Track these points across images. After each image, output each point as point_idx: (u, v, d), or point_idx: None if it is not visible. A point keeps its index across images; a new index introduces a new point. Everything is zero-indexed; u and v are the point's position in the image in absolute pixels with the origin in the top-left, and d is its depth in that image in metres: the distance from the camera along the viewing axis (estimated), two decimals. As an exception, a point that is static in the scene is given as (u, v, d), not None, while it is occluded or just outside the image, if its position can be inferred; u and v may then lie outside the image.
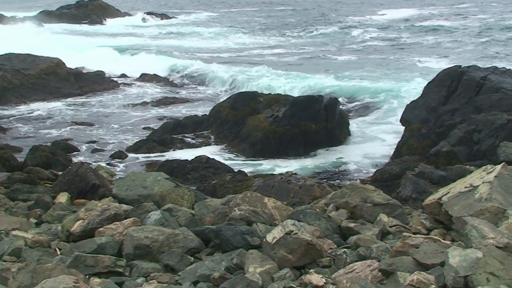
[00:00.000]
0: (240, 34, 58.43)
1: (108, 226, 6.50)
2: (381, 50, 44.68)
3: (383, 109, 26.25)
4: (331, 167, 20.13)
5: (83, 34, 56.83)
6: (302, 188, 13.18)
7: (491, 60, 35.32)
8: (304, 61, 40.79)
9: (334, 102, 23.16)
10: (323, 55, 43.59)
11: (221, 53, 46.69)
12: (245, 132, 22.67)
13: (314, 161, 21.22)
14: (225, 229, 6.04)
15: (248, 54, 45.69)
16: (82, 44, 47.38)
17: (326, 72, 33.31)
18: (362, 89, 29.35)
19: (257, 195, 7.86)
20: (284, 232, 5.43)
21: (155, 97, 32.27)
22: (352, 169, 19.56)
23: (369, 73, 34.19)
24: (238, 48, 49.16)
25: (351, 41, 50.34)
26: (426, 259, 4.89)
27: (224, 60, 42.18)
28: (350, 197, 7.47)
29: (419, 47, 45.04)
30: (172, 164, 18.57)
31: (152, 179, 8.80)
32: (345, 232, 6.74)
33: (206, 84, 34.89)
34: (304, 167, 20.21)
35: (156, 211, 7.02)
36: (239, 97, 25.25)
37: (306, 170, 19.66)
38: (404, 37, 50.77)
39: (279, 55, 44.56)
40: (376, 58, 41.08)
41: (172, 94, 33.07)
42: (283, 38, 54.87)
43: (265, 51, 46.78)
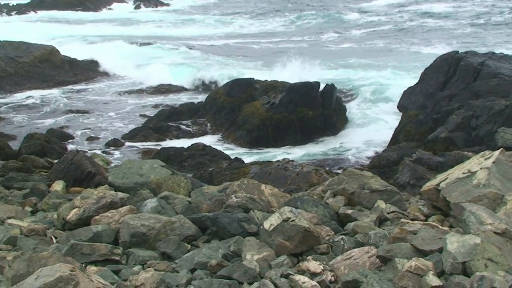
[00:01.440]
0: (240, 20, 58.22)
1: (104, 214, 6.49)
2: (380, 36, 44.54)
3: (380, 96, 26.21)
4: (328, 154, 20.15)
5: (70, 22, 56.59)
6: (299, 175, 13.18)
7: (488, 46, 35.25)
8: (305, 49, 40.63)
9: (330, 88, 23.12)
10: (320, 42, 43.41)
11: (216, 40, 46.57)
12: (242, 119, 22.63)
13: (311, 148, 21.23)
14: (222, 216, 6.03)
15: (243, 42, 45.53)
16: (55, 32, 47.31)
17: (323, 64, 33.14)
18: (357, 77, 29.31)
19: (254, 182, 7.85)
20: (281, 219, 5.43)
21: (151, 84, 32.15)
22: (349, 156, 19.58)
23: (367, 60, 34.12)
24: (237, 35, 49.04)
25: (349, 27, 50.14)
26: (424, 246, 4.89)
27: (220, 49, 42.05)
28: (347, 183, 7.47)
29: (416, 33, 44.90)
30: (168, 151, 18.55)
31: (148, 167, 8.78)
32: (343, 219, 6.74)
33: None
34: (301, 154, 20.22)
35: (153, 198, 7.01)
36: (235, 84, 25.19)
37: (303, 157, 19.67)
38: (402, 21, 50.59)
39: (275, 42, 44.41)
40: (373, 45, 40.97)
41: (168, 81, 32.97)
42: (278, 23, 54.62)
43: (259, 39, 46.58)
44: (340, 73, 30.63)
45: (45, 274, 4.10)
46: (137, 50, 40.68)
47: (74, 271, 4.13)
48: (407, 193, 9.63)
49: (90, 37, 45.69)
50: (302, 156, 19.76)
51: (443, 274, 4.46)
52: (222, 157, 18.37)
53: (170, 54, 39.03)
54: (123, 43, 42.36)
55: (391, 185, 7.73)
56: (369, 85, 27.47)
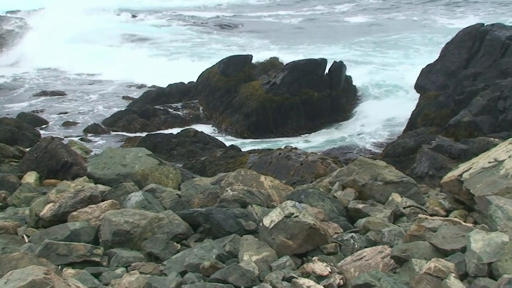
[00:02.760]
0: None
1: (83, 209, 6.47)
2: (397, 9, 44.27)
3: (395, 74, 26.17)
4: (336, 140, 20.15)
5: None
6: (303, 165, 13.18)
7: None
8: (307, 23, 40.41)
9: (339, 66, 23.08)
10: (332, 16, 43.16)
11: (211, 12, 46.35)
12: (238, 102, 22.61)
13: (317, 133, 21.23)
14: (216, 212, 6.03)
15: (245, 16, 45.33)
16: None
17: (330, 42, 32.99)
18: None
19: (252, 173, 7.84)
20: (283, 215, 5.42)
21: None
22: (360, 143, 19.58)
23: (381, 35, 33.99)
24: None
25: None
26: (444, 244, 4.89)
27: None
28: (358, 174, 7.46)
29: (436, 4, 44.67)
30: (155, 138, 18.55)
31: (132, 156, 8.76)
32: (353, 215, 6.74)
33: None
34: (306, 140, 20.23)
35: (138, 192, 7.00)
36: (231, 62, 25.11)
37: (308, 144, 19.67)
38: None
39: (280, 17, 44.18)
40: (391, 18, 40.75)
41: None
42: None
43: (263, 12, 46.34)
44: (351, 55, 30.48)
45: (16, 277, 4.09)
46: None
47: (48, 274, 4.11)
48: (425, 185, 9.63)
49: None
50: (307, 143, 19.70)
51: (466, 277, 4.46)
52: (216, 144, 18.37)
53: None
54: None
55: (408, 176, 7.72)
56: (384, 63, 27.36)
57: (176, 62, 32.78)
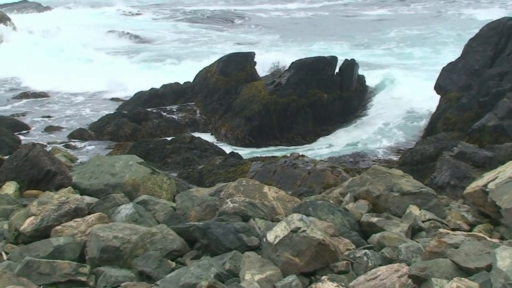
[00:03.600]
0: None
1: (68, 223, 6.48)
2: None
3: (413, 73, 26.17)
4: (347, 147, 20.14)
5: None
6: (311, 174, 13.18)
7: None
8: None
9: (351, 65, 23.11)
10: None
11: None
12: (239, 104, 22.64)
13: (326, 139, 21.23)
14: (214, 226, 6.03)
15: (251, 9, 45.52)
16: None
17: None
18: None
19: (255, 183, 7.84)
20: (289, 229, 5.42)
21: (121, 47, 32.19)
22: (374, 149, 19.57)
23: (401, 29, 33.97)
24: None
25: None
26: (468, 262, 4.88)
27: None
28: (372, 184, 7.46)
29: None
30: (147, 144, 18.57)
31: (122, 164, 8.77)
32: (366, 229, 6.73)
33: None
34: (314, 147, 20.23)
35: (128, 204, 7.00)
36: (231, 60, 25.14)
37: (317, 151, 19.67)
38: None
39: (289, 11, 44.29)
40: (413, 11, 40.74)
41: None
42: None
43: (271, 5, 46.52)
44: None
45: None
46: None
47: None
48: (446, 196, 9.63)
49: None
50: (315, 150, 19.69)
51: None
52: (215, 151, 18.38)
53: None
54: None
55: (427, 186, 7.71)
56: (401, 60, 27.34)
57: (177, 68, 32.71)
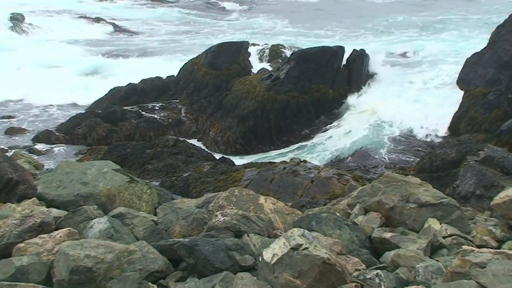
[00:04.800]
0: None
1: (32, 240, 6.47)
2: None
3: (433, 67, 26.22)
4: (356, 151, 20.13)
5: None
6: (315, 183, 13.19)
7: None
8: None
9: (360, 56, 23.14)
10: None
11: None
12: (231, 102, 22.64)
13: (332, 141, 21.23)
14: (202, 243, 6.03)
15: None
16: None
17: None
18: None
19: (249, 193, 7.84)
20: (289, 246, 5.42)
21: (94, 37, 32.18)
22: (387, 153, 19.58)
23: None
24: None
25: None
26: (496, 284, 4.90)
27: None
28: (385, 194, 7.47)
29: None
30: (124, 148, 18.56)
31: (95, 172, 8.76)
32: (378, 246, 6.74)
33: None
34: (317, 150, 20.23)
35: (102, 217, 7.00)
36: (221, 50, 25.13)
37: (320, 155, 19.69)
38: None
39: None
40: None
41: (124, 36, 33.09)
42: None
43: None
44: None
45: None
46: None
47: (-13, 324, 4.12)
48: (471, 208, 9.64)
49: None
50: (318, 153, 19.71)
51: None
52: (203, 156, 18.39)
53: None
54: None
55: (448, 196, 7.73)
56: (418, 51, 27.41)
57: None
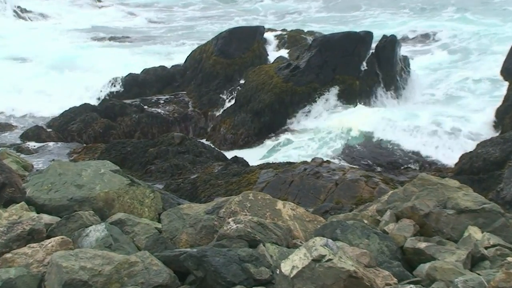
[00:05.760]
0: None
1: (20, 250, 6.49)
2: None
3: (470, 55, 26.15)
4: (387, 148, 20.10)
5: None
6: (339, 185, 13.18)
7: None
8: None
9: (391, 42, 23.08)
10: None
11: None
12: (244, 94, 22.63)
13: (359, 139, 21.19)
14: (212, 253, 6.03)
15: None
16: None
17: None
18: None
19: (265, 197, 7.84)
20: (310, 258, 5.42)
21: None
22: (421, 151, 19.53)
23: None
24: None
25: None
26: (546, 301, 4.89)
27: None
28: (419, 199, 7.45)
29: None
30: (123, 147, 18.57)
31: (91, 173, 8.78)
32: (412, 258, 6.73)
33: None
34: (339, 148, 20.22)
35: (99, 225, 7.01)
36: (233, 36, 25.08)
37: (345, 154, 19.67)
38: None
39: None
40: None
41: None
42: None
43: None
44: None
45: None
46: None
47: None
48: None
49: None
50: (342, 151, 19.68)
51: None
52: (213, 156, 18.39)
53: None
54: None
55: (491, 201, 7.70)
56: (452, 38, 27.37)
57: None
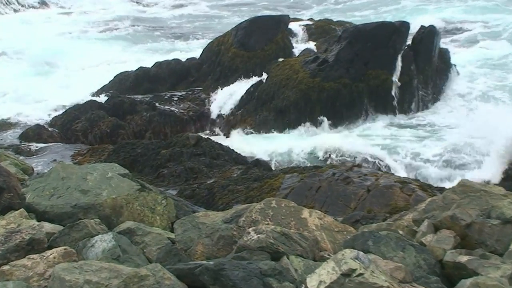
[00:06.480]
0: None
1: (19, 262, 6.51)
2: None
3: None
4: (424, 151, 20.05)
5: None
6: (372, 192, 13.15)
7: None
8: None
9: (430, 34, 23.00)
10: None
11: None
12: (267, 90, 22.62)
13: (393, 140, 21.15)
14: (231, 266, 6.02)
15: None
16: None
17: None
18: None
19: (290, 204, 7.83)
20: (339, 272, 5.41)
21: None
22: (463, 155, 19.46)
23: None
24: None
25: None
26: None
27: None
28: (460, 207, 7.42)
29: None
30: (133, 148, 18.61)
31: (97, 177, 8.79)
32: (452, 272, 6.69)
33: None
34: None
35: (106, 234, 7.01)
36: (254, 26, 25.03)
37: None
38: None
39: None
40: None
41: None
42: None
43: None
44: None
45: None
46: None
47: None
48: None
49: None
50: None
51: None
52: (232, 158, 18.38)
53: None
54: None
55: (542, 210, 7.66)
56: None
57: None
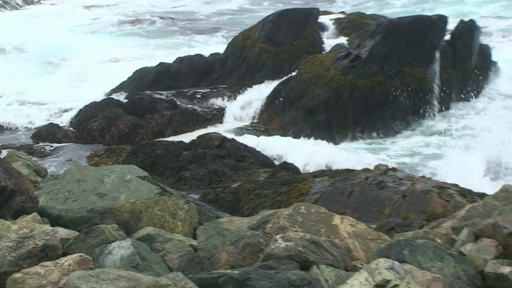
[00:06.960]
0: None
1: (32, 269, 6.53)
2: None
3: None
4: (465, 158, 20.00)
5: None
6: (408, 197, 13.12)
7: None
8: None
9: (469, 29, 22.93)
10: None
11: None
12: (296, 88, 22.61)
13: (431, 143, 21.09)
14: (257, 276, 6.02)
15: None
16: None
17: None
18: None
19: (320, 210, 7.83)
20: (372, 283, 5.41)
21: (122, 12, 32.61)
22: (507, 158, 19.36)
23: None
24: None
25: None
26: None
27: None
28: (502, 215, 7.39)
29: None
30: (153, 149, 18.64)
31: (115, 179, 8.81)
32: (493, 284, 6.67)
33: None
34: (411, 153, 20.14)
35: (124, 241, 7.03)
36: (282, 20, 25.02)
37: (415, 160, 19.60)
38: None
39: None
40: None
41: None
42: None
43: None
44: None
45: None
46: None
47: None
48: None
49: None
50: (412, 157, 19.60)
51: None
52: (258, 161, 18.37)
53: None
54: None
55: None
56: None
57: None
